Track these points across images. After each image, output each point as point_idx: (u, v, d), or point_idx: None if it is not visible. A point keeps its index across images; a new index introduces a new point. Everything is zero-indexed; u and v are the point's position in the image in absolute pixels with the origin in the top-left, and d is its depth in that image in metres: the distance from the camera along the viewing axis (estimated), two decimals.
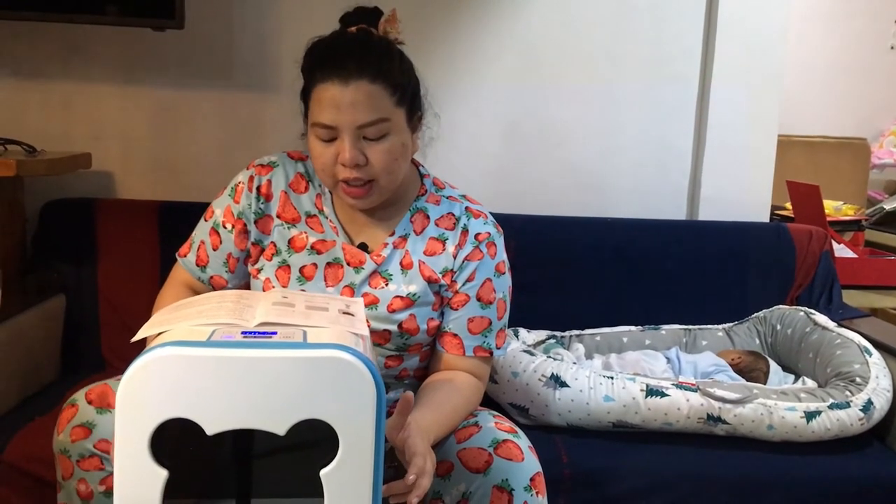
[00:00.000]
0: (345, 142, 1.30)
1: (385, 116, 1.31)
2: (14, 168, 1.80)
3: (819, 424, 1.75)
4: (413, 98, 1.39)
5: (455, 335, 1.44)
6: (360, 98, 1.29)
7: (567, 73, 2.37)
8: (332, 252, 1.43)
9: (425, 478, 1.14)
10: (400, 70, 1.35)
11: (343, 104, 1.29)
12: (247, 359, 0.92)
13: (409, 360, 1.45)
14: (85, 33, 2.18)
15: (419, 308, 1.42)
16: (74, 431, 1.26)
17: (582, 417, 1.79)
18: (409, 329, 1.41)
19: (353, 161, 1.30)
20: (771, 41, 2.38)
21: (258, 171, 1.46)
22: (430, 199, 1.48)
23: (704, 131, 2.41)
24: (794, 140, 3.86)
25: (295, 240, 1.44)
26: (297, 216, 1.45)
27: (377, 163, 1.32)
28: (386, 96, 1.31)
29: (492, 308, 1.45)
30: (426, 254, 1.44)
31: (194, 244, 1.50)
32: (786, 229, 2.35)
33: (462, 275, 1.43)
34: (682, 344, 2.17)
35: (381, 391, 0.95)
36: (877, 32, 4.42)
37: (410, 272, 1.42)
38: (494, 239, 1.46)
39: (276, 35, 2.26)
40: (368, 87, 1.29)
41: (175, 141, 2.28)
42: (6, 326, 1.79)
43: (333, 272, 1.42)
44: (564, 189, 2.41)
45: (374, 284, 1.42)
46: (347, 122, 1.29)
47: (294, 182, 1.46)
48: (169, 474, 0.92)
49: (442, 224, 1.46)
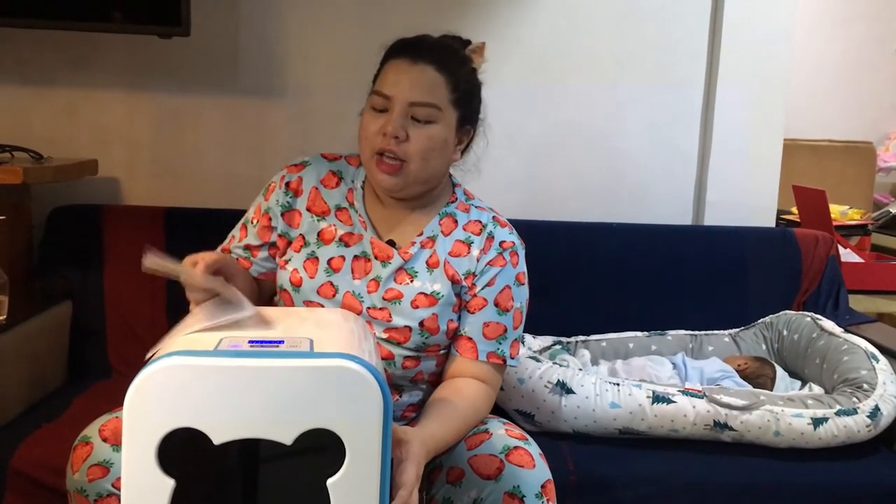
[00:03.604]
0: (394, 112, 1.37)
1: (438, 105, 1.38)
2: (21, 175, 1.80)
3: (826, 431, 1.75)
4: (469, 110, 1.46)
5: (470, 339, 1.45)
6: (421, 78, 1.38)
7: (572, 77, 2.37)
8: (360, 245, 1.45)
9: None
10: (467, 78, 1.44)
11: (404, 78, 1.38)
12: (253, 368, 0.93)
13: (426, 362, 1.46)
14: (91, 40, 2.19)
15: (442, 308, 1.43)
16: (91, 471, 1.25)
17: (588, 424, 1.79)
18: (430, 328, 1.42)
19: (395, 132, 1.36)
20: (776, 45, 2.38)
21: (290, 170, 1.51)
22: (460, 207, 1.51)
23: (710, 135, 2.41)
24: (799, 144, 3.86)
25: (324, 232, 1.46)
26: (326, 209, 1.48)
27: (415, 144, 1.37)
28: (445, 89, 1.39)
29: (508, 316, 1.46)
30: (451, 255, 1.46)
31: (230, 238, 1.55)
32: (792, 234, 2.35)
33: (482, 279, 1.45)
34: (688, 349, 2.16)
35: (388, 400, 0.95)
36: (882, 36, 4.42)
37: (436, 271, 1.44)
38: (517, 249, 1.49)
39: (281, 41, 2.27)
40: (432, 73, 1.38)
41: (181, 147, 2.29)
42: (13, 333, 1.79)
43: (361, 265, 1.44)
44: (569, 194, 2.41)
45: (400, 280, 1.43)
46: (403, 95, 1.37)
47: (325, 179, 1.50)
48: (176, 483, 0.92)
49: (469, 229, 1.49)
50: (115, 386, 1.82)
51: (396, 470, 1.17)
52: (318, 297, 1.42)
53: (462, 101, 1.42)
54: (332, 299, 1.42)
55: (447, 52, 1.43)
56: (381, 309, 1.42)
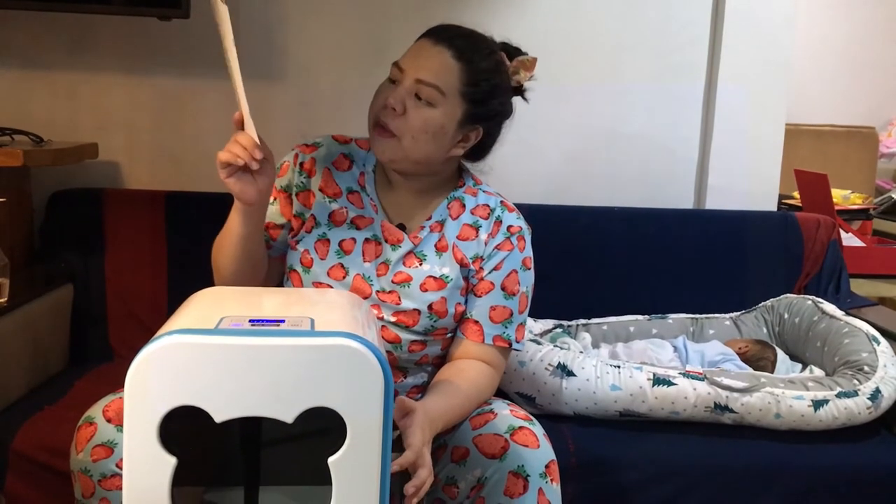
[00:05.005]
0: (400, 85, 1.37)
1: (444, 89, 1.36)
2: (21, 158, 1.80)
3: (826, 413, 1.75)
4: (482, 109, 1.42)
5: (476, 321, 1.45)
6: (436, 59, 1.37)
7: (575, 63, 2.36)
8: (371, 228, 1.46)
9: (423, 470, 1.18)
10: (488, 78, 1.40)
11: (421, 56, 1.38)
12: (255, 347, 0.93)
13: (432, 346, 1.47)
14: (91, 23, 2.18)
15: (450, 291, 1.44)
16: (95, 451, 1.25)
17: (589, 406, 1.79)
18: (439, 311, 1.43)
19: (394, 103, 1.36)
20: (779, 30, 2.37)
21: (302, 149, 1.51)
22: (468, 192, 1.52)
23: (712, 120, 2.40)
24: (802, 129, 3.85)
25: (335, 214, 1.46)
26: (338, 191, 1.48)
27: (410, 122, 1.36)
28: (457, 78, 1.37)
29: (514, 300, 1.46)
30: (459, 238, 1.47)
31: None
32: (794, 218, 2.34)
33: (490, 262, 1.46)
34: (689, 333, 2.17)
35: (389, 379, 0.95)
36: (885, 21, 4.40)
37: (445, 255, 1.45)
38: (524, 234, 1.50)
39: (282, 24, 2.26)
40: (448, 58, 1.37)
41: (181, 130, 2.28)
42: (14, 316, 1.79)
43: (372, 248, 1.45)
44: (572, 178, 2.40)
45: (409, 264, 1.44)
46: (413, 70, 1.37)
47: (337, 161, 1.50)
48: (178, 462, 0.92)
49: (477, 213, 1.49)
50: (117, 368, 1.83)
51: (403, 435, 1.20)
52: (328, 279, 1.42)
53: (474, 98, 1.39)
54: (341, 281, 1.42)
55: (474, 45, 1.40)
56: (390, 292, 1.42)
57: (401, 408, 1.23)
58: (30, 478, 1.58)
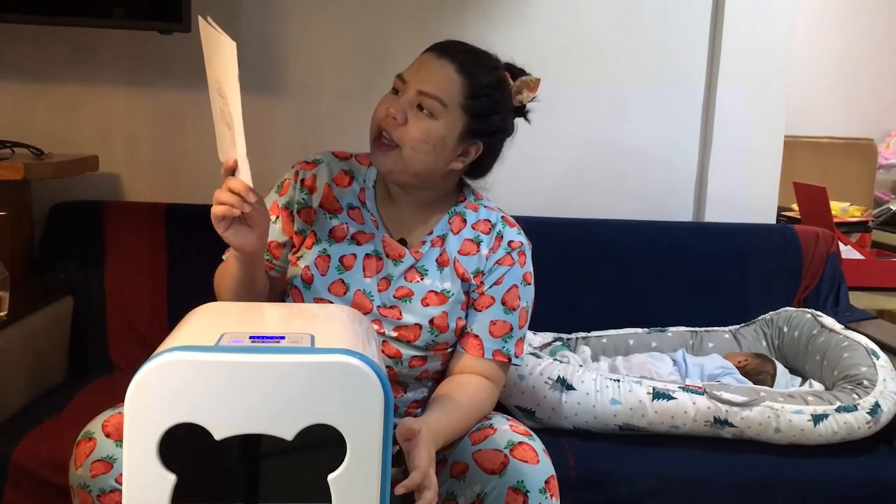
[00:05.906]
0: (402, 95, 1.39)
1: (445, 101, 1.38)
2: (21, 171, 1.80)
3: (826, 427, 1.75)
4: (483, 124, 1.42)
5: (476, 336, 1.46)
6: (439, 72, 1.39)
7: (573, 73, 2.37)
8: (371, 243, 1.46)
9: (429, 492, 1.17)
10: (490, 93, 1.42)
11: (423, 68, 1.40)
12: (255, 363, 0.93)
13: (433, 361, 1.47)
14: (92, 36, 2.19)
15: (451, 306, 1.44)
16: (94, 466, 1.25)
17: (588, 420, 1.79)
18: (440, 326, 1.43)
19: (395, 112, 1.37)
20: (777, 41, 2.38)
21: (303, 166, 1.51)
22: (469, 206, 1.52)
23: (711, 132, 2.41)
24: (800, 141, 3.85)
25: (336, 230, 1.47)
26: (339, 207, 1.48)
27: (410, 132, 1.37)
28: (459, 91, 1.39)
29: (514, 315, 1.47)
30: (461, 253, 1.47)
31: None
32: (792, 231, 2.34)
33: (490, 277, 1.47)
34: (688, 346, 2.17)
35: (389, 395, 0.95)
36: (884, 32, 4.41)
37: (446, 269, 1.46)
38: (525, 249, 1.51)
39: (283, 37, 2.27)
40: (451, 71, 1.39)
41: (182, 143, 2.28)
42: (14, 328, 1.79)
43: (373, 263, 1.45)
44: (571, 190, 2.41)
45: (410, 278, 1.45)
46: (415, 82, 1.39)
47: (338, 177, 1.50)
48: (177, 479, 0.92)
49: (478, 228, 1.50)
50: (117, 382, 1.84)
51: (409, 457, 1.19)
52: (328, 295, 1.42)
53: (475, 111, 1.40)
54: (342, 297, 1.42)
55: (477, 60, 1.42)
56: (391, 307, 1.43)
57: (404, 433, 1.21)
58: (29, 491, 1.57)
